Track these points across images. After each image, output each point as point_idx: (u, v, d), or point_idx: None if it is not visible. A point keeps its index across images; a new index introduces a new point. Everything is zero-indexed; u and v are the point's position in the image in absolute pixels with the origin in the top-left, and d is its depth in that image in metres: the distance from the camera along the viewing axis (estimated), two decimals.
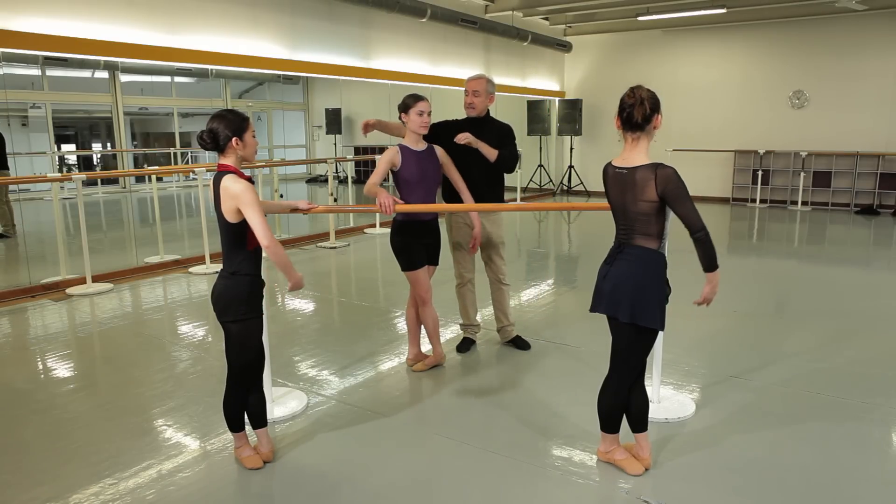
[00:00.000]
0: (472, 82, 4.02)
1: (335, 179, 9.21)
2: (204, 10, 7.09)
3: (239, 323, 2.64)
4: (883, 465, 2.81)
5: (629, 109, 2.46)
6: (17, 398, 3.58)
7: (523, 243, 8.83)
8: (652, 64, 12.71)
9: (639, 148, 2.49)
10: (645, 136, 2.49)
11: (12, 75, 9.26)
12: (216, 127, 2.58)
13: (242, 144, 2.60)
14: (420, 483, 2.70)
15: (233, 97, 12.49)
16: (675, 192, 2.39)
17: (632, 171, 2.47)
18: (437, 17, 9.48)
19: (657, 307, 2.50)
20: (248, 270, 2.64)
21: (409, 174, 3.59)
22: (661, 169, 2.41)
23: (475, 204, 3.87)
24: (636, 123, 2.46)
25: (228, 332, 2.67)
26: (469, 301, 4.22)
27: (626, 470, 2.71)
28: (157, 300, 5.72)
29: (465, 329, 4.31)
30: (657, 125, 2.49)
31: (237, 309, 2.62)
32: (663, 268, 2.54)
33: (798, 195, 11.42)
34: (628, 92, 2.50)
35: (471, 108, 4.01)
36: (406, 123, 3.61)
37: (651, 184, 2.41)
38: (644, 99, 2.44)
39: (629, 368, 2.63)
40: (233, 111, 2.64)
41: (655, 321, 2.50)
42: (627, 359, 2.62)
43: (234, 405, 2.76)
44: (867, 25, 10.72)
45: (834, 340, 4.39)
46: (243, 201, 2.50)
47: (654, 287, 2.50)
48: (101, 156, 13.71)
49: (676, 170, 2.41)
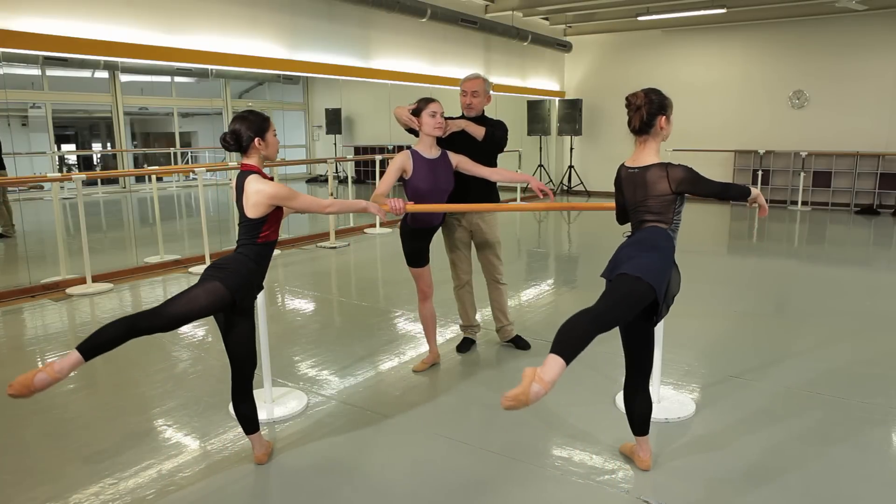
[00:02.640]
0: (470, 82, 3.95)
1: (335, 179, 9.22)
2: (204, 10, 7.09)
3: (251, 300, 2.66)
4: (883, 465, 2.81)
5: (629, 115, 2.56)
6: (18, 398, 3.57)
7: (523, 243, 8.83)
8: (652, 64, 12.71)
9: (647, 149, 2.58)
10: (652, 138, 2.57)
11: (12, 75, 9.26)
12: (238, 128, 2.62)
13: (265, 144, 2.65)
14: (420, 483, 2.70)
15: (233, 97, 12.46)
16: (691, 182, 2.51)
17: (643, 171, 2.56)
18: (437, 17, 9.48)
19: (659, 269, 2.43)
20: (252, 257, 2.64)
21: (421, 183, 3.48)
22: (671, 168, 2.51)
23: (476, 204, 3.86)
24: (636, 129, 2.55)
25: (245, 314, 2.64)
26: (468, 302, 4.21)
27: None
28: (157, 300, 5.71)
29: (465, 329, 4.31)
30: (663, 126, 2.55)
31: (239, 279, 2.57)
32: (672, 242, 2.56)
33: (798, 195, 11.42)
34: (630, 95, 2.57)
35: (469, 108, 3.96)
36: (420, 128, 3.55)
37: (664, 180, 2.51)
38: (640, 106, 2.51)
39: (606, 310, 2.37)
40: (254, 112, 2.67)
41: (652, 277, 2.39)
42: (610, 298, 2.41)
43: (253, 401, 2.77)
44: (867, 25, 10.72)
45: (834, 340, 4.39)
46: (282, 197, 2.59)
47: (662, 252, 2.49)
48: (101, 156, 13.70)
49: (684, 165, 2.53)
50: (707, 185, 2.55)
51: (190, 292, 2.49)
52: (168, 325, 2.44)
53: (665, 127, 2.56)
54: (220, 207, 10.65)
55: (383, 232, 8.97)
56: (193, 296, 2.48)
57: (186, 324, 2.50)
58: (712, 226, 9.69)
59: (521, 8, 11.24)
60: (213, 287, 2.49)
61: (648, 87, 2.59)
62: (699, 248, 7.89)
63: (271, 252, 2.72)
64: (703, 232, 9.26)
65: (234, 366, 2.71)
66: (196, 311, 2.47)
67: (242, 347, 2.68)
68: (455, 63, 10.78)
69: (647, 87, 2.60)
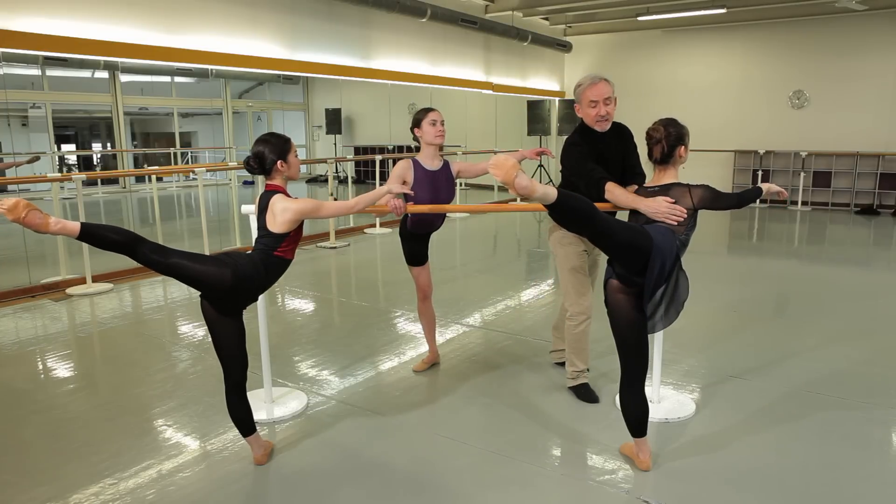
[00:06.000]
0: (599, 87, 3.13)
1: (335, 179, 9.22)
2: (204, 10, 7.09)
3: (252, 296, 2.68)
4: (883, 465, 2.80)
5: (649, 147, 2.72)
6: (17, 398, 3.58)
7: (523, 243, 8.84)
8: (652, 64, 12.71)
9: (668, 174, 2.73)
10: (671, 166, 2.73)
11: (12, 75, 9.26)
12: (261, 151, 2.67)
13: (287, 166, 2.71)
14: (420, 483, 2.70)
15: (233, 97, 12.49)
16: (712, 199, 2.67)
17: (665, 188, 2.69)
18: (437, 17, 9.48)
19: (668, 249, 2.52)
20: (264, 264, 2.64)
21: (421, 194, 3.42)
22: (693, 188, 2.66)
23: (474, 205, 3.84)
24: (657, 160, 2.71)
25: (232, 317, 2.65)
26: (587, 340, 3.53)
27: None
28: (157, 300, 5.72)
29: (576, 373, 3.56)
30: (682, 155, 2.71)
31: (246, 272, 2.57)
32: (681, 248, 2.66)
33: (798, 195, 11.42)
34: (650, 128, 2.70)
35: (604, 121, 3.18)
36: (421, 138, 3.49)
37: (686, 197, 2.65)
38: (661, 139, 2.66)
39: (612, 233, 2.47)
40: (275, 134, 2.72)
41: (658, 243, 2.49)
42: (614, 236, 2.50)
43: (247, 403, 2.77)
44: (867, 25, 10.72)
45: (834, 340, 4.39)
46: (310, 210, 2.66)
47: (672, 241, 2.56)
48: (101, 156, 13.71)
49: (704, 184, 2.69)
50: (726, 199, 2.70)
51: (199, 254, 2.54)
52: (164, 266, 2.44)
53: (683, 155, 2.72)
54: (219, 207, 10.66)
55: (383, 232, 8.97)
56: (200, 258, 2.52)
57: (177, 277, 2.49)
58: (712, 226, 9.68)
59: (521, 8, 11.24)
60: (220, 264, 2.52)
61: (666, 119, 2.71)
62: (699, 248, 7.86)
63: (282, 270, 2.72)
64: (703, 232, 9.22)
65: (225, 369, 2.71)
66: (194, 273, 2.48)
67: (232, 350, 2.68)
68: (455, 63, 10.78)
69: (664, 119, 2.71)
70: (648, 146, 2.72)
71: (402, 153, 10.07)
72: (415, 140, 3.56)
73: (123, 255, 2.39)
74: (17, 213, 2.18)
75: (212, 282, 2.51)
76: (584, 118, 3.24)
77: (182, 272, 2.47)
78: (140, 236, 2.39)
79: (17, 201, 2.17)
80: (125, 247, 2.36)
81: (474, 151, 10.84)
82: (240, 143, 11.73)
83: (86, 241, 2.34)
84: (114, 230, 2.37)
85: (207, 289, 2.55)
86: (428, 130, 3.46)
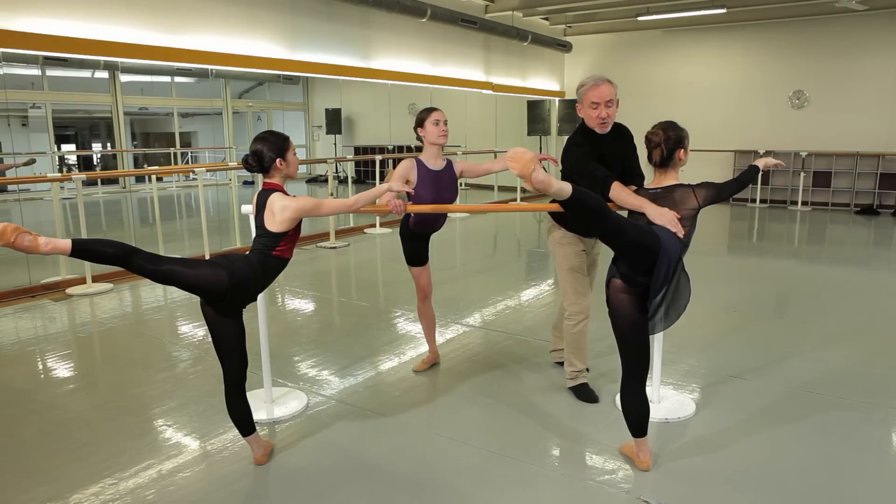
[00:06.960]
0: (601, 89, 3.08)
1: (335, 179, 9.22)
2: (204, 10, 7.09)
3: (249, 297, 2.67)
4: (883, 465, 2.81)
5: (648, 150, 2.73)
6: (17, 398, 3.58)
7: (523, 243, 8.84)
8: (652, 64, 12.71)
9: (668, 176, 2.74)
10: (671, 169, 2.73)
11: (12, 75, 9.26)
12: (260, 149, 2.67)
13: (286, 164, 2.70)
14: (420, 483, 2.70)
15: (233, 97, 12.48)
16: (716, 194, 2.72)
17: (668, 189, 2.70)
18: (437, 17, 9.49)
19: (673, 251, 2.54)
20: (262, 265, 2.64)
21: (423, 195, 3.43)
22: (696, 188, 2.69)
23: (474, 205, 3.84)
24: (657, 164, 2.72)
25: (232, 317, 2.64)
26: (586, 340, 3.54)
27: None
28: (157, 300, 5.72)
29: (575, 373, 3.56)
30: (681, 157, 2.72)
31: (242, 274, 2.56)
32: (682, 249, 2.67)
33: (798, 195, 11.42)
34: (650, 132, 2.71)
35: (604, 124, 3.14)
36: (424, 138, 3.48)
37: (691, 197, 2.68)
38: (660, 143, 2.67)
39: (623, 232, 2.48)
40: (274, 132, 2.72)
41: (666, 243, 2.51)
42: (624, 235, 2.51)
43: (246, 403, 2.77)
44: (867, 25, 10.72)
45: (834, 340, 4.39)
46: (309, 208, 2.66)
47: (676, 242, 2.58)
48: (101, 156, 13.71)
49: (704, 181, 2.73)
50: (728, 189, 2.80)
51: (193, 259, 2.54)
52: (159, 275, 2.42)
53: (683, 158, 2.72)
54: (219, 208, 10.66)
55: (383, 232, 8.97)
56: (195, 263, 2.52)
57: (173, 284, 2.47)
58: (712, 226, 9.69)
59: (521, 8, 11.24)
60: (216, 267, 2.51)
61: (665, 123, 2.71)
62: (699, 248, 7.85)
63: (279, 269, 2.72)
64: (703, 232, 9.22)
65: (225, 369, 2.71)
66: (189, 278, 2.46)
67: (232, 350, 2.68)
68: (455, 63, 10.78)
69: (663, 123, 2.71)
70: (648, 150, 2.73)
71: (403, 153, 10.07)
72: (418, 139, 3.56)
73: (118, 267, 2.38)
74: (6, 239, 2.13)
75: (208, 286, 2.50)
76: (585, 119, 3.23)
77: (177, 279, 2.45)
78: (134, 247, 2.37)
79: (3, 227, 2.12)
80: (119, 259, 2.34)
81: (474, 151, 10.85)
82: (240, 143, 11.72)
83: (79, 257, 2.30)
84: (107, 244, 2.34)
85: (205, 293, 2.55)
86: (431, 130, 3.46)
